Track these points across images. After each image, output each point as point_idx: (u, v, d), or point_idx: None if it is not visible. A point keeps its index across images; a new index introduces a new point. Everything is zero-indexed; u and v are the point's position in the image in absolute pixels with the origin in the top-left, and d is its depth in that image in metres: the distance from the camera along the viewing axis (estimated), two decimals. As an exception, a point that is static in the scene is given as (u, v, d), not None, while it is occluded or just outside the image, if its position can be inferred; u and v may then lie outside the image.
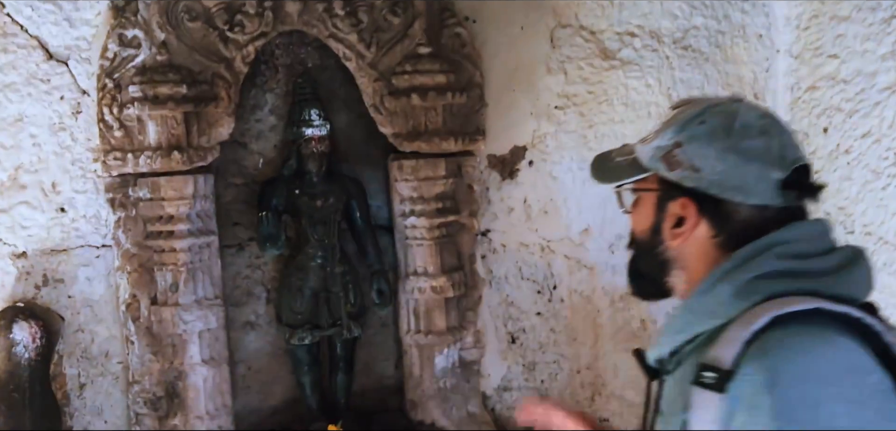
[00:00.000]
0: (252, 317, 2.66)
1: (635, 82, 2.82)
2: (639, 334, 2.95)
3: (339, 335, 2.52)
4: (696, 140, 1.06)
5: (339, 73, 2.61)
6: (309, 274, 2.48)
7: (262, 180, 2.56)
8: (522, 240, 2.84)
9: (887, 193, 2.45)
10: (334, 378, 2.60)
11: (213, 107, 2.35)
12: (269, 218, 2.38)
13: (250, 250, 2.64)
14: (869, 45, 2.47)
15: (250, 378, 2.66)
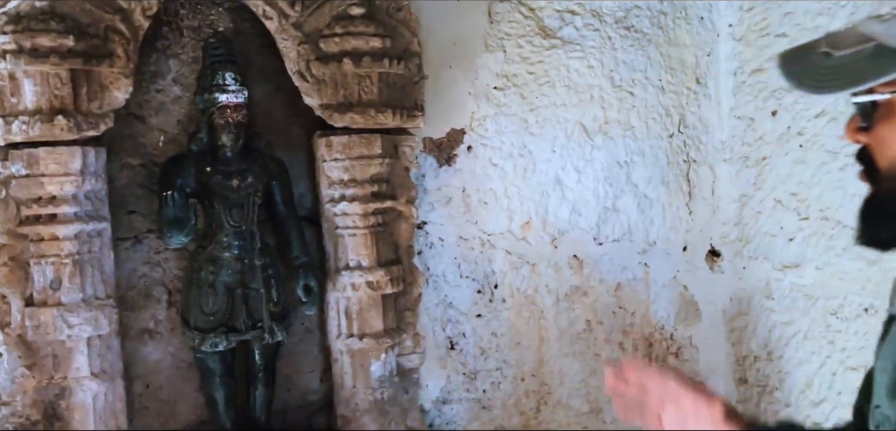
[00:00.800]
0: (150, 324, 2.25)
1: (577, 63, 2.65)
2: (584, 336, 2.75)
3: (260, 339, 2.15)
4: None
5: (256, 40, 2.29)
6: (222, 268, 2.11)
7: (165, 159, 2.18)
8: (462, 234, 2.59)
9: (845, 174, 2.37)
10: (253, 392, 2.22)
11: (108, 66, 1.97)
12: (175, 198, 2.00)
13: (149, 243, 2.24)
14: (821, 20, 2.41)
15: (148, 397, 2.24)
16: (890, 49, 0.85)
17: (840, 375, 2.47)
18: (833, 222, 2.44)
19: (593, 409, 2.78)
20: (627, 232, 2.77)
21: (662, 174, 2.78)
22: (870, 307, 2.34)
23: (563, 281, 2.71)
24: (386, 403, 2.31)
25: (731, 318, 2.89)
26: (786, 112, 2.57)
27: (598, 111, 2.69)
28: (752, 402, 2.82)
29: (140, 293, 2.23)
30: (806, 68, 0.93)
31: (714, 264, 2.88)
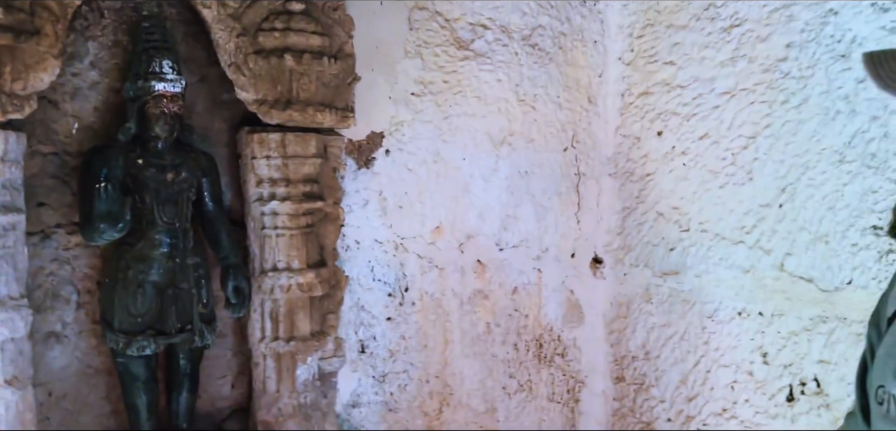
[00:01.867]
0: (57, 327, 2.08)
1: (487, 75, 2.78)
2: (484, 337, 2.88)
3: (189, 343, 2.06)
4: None
5: (182, 27, 2.19)
6: (152, 267, 2.00)
7: (78, 148, 2.02)
8: (377, 237, 2.62)
9: (725, 191, 2.68)
10: (176, 397, 2.12)
11: (35, 43, 1.81)
12: (108, 191, 1.88)
13: (58, 239, 2.07)
14: (708, 52, 2.71)
15: (51, 407, 2.07)
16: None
17: (713, 372, 2.78)
18: (711, 234, 2.75)
19: (490, 409, 2.92)
20: (525, 239, 2.93)
21: (556, 185, 2.98)
22: (743, 311, 2.66)
23: (468, 284, 2.82)
24: (309, 407, 2.30)
25: (610, 321, 3.14)
26: (671, 133, 2.85)
27: (504, 122, 2.83)
28: (629, 398, 3.09)
29: (47, 293, 2.06)
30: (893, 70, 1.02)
31: (597, 270, 3.12)
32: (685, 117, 2.79)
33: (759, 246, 2.59)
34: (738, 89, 2.61)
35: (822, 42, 2.36)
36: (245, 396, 2.40)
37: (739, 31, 2.58)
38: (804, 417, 2.51)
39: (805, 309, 2.47)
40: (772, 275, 2.56)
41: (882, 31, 2.22)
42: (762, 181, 2.55)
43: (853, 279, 2.34)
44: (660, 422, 2.99)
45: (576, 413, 3.12)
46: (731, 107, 2.63)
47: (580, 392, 3.13)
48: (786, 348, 2.55)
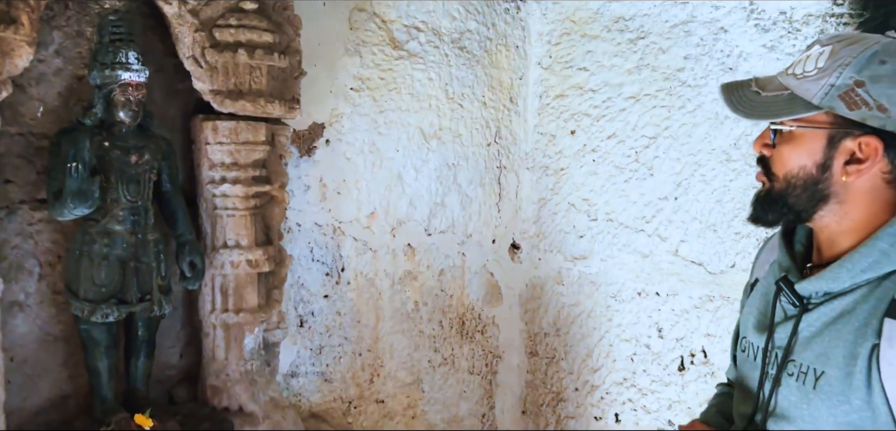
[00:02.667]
0: (21, 296, 2.23)
1: (420, 74, 3.04)
2: (412, 315, 3.15)
3: (148, 311, 2.25)
4: (882, 80, 1.16)
5: (140, 20, 2.36)
6: (116, 241, 2.17)
7: (50, 131, 2.18)
8: (317, 220, 2.85)
9: (629, 185, 3.03)
10: (135, 362, 2.30)
11: (12, 32, 1.96)
12: (79, 170, 2.04)
13: (22, 215, 2.22)
14: (616, 60, 3.04)
15: (12, 371, 2.21)
16: (799, 98, 1.25)
17: (616, 346, 3.13)
18: (616, 223, 3.09)
19: (416, 380, 3.19)
20: (451, 225, 3.21)
21: (481, 177, 3.27)
22: (642, 291, 3.02)
23: (399, 266, 3.08)
24: (254, 373, 2.51)
25: (526, 301, 3.46)
26: (583, 132, 3.19)
27: (434, 118, 3.10)
28: (541, 371, 3.42)
29: (12, 265, 2.21)
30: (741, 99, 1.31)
31: (514, 255, 3.43)
32: (595, 118, 3.13)
33: (657, 234, 2.95)
34: (642, 94, 2.96)
35: (714, 56, 2.73)
36: (193, 364, 2.60)
37: (644, 43, 2.93)
38: (693, 384, 2.88)
39: (695, 290, 2.84)
40: (667, 260, 2.92)
41: (763, 48, 2.59)
42: (661, 176, 2.91)
43: (736, 263, 2.72)
44: (568, 392, 3.32)
45: (493, 385, 3.43)
46: (636, 110, 2.98)
47: (497, 366, 3.44)
48: (678, 324, 2.92)
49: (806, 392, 1.26)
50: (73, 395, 2.35)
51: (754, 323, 1.43)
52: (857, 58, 1.18)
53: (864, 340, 1.18)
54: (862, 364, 1.18)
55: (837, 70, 1.18)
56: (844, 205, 1.24)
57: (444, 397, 3.30)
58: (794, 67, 1.26)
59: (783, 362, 1.31)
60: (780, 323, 1.34)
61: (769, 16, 2.57)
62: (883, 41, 1.20)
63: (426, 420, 3.24)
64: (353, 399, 3.03)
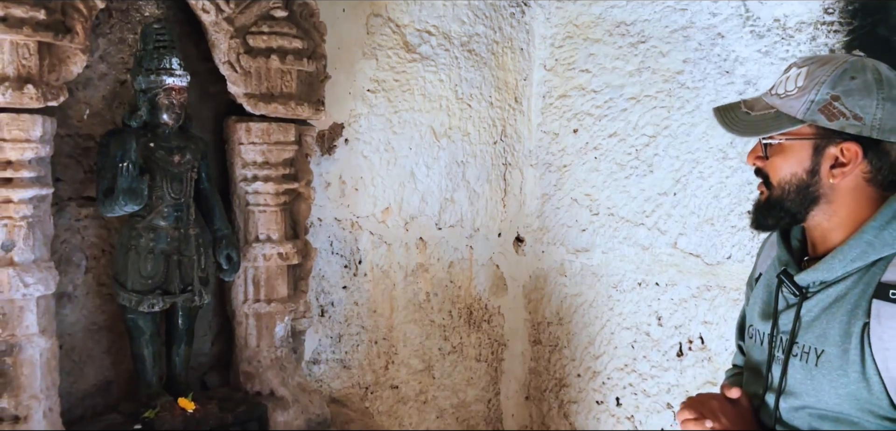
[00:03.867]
0: (69, 288, 2.39)
1: (431, 76, 3.22)
2: (424, 305, 3.33)
3: (190, 302, 2.42)
4: (854, 93, 1.35)
5: (176, 27, 2.52)
6: (161, 236, 2.34)
7: (100, 133, 2.35)
8: (336, 215, 3.03)
9: (630, 181, 3.23)
10: (176, 349, 2.47)
11: (68, 40, 2.12)
12: (130, 170, 2.21)
13: (70, 211, 2.38)
14: (618, 63, 3.25)
15: (62, 358, 2.36)
16: (785, 115, 1.45)
17: (617, 334, 3.34)
18: (617, 218, 3.30)
19: (427, 366, 3.38)
20: (460, 220, 3.40)
21: (488, 173, 3.46)
22: (642, 282, 3.23)
23: (411, 259, 3.27)
24: (284, 360, 2.69)
25: (530, 291, 3.66)
26: (585, 131, 3.39)
27: (445, 118, 3.28)
28: (545, 358, 3.62)
29: (61, 258, 2.37)
30: (734, 120, 1.52)
31: (519, 248, 3.63)
32: (597, 118, 3.33)
33: (657, 228, 3.16)
34: (642, 95, 3.16)
35: (712, 60, 2.93)
36: (223, 352, 2.77)
37: (645, 47, 3.13)
38: (691, 369, 3.10)
39: (693, 280, 3.05)
40: (666, 252, 3.13)
41: (758, 53, 2.80)
42: (660, 173, 3.11)
43: (732, 254, 2.93)
44: (570, 378, 3.53)
45: (499, 371, 3.63)
46: (637, 110, 3.18)
47: (503, 353, 3.64)
48: (677, 312, 3.13)
49: (809, 370, 1.45)
50: (116, 381, 2.52)
51: (759, 312, 1.63)
52: (831, 76, 1.38)
53: (856, 320, 1.37)
54: (855, 340, 1.37)
55: (815, 87, 1.38)
56: (833, 205, 1.43)
57: (453, 383, 3.49)
58: (776, 88, 1.47)
59: (789, 345, 1.51)
60: (784, 311, 1.54)
61: (764, 22, 2.77)
62: (850, 60, 1.41)
63: (437, 405, 3.43)
64: (370, 384, 3.21)
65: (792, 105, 1.41)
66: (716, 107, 1.56)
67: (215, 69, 2.52)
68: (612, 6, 3.23)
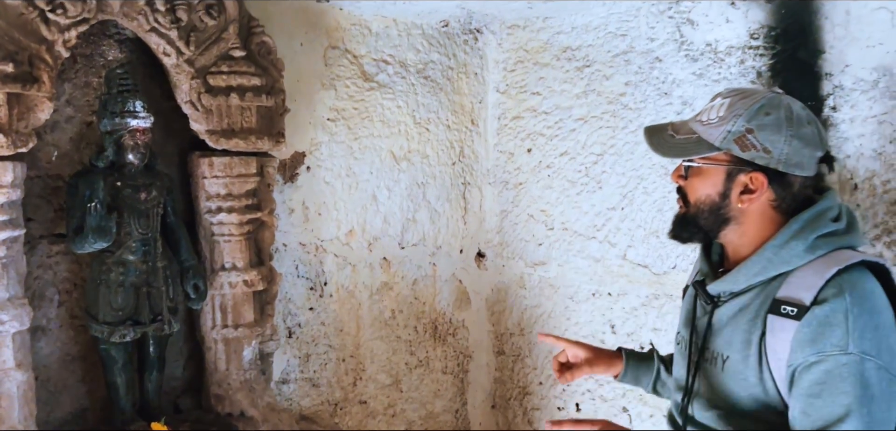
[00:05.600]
0: (43, 322, 2.52)
1: (389, 103, 3.37)
2: (390, 322, 3.47)
3: (160, 331, 2.55)
4: (766, 128, 1.49)
5: (140, 70, 2.66)
6: (130, 270, 2.47)
7: (68, 173, 2.48)
8: (301, 240, 3.17)
9: (581, 197, 3.40)
10: (148, 376, 2.61)
11: (36, 90, 2.25)
12: (98, 209, 2.34)
13: (42, 248, 2.51)
14: (566, 86, 3.41)
15: (38, 389, 2.48)
16: (705, 141, 1.58)
17: (574, 342, 3.49)
18: (571, 232, 3.46)
19: (395, 381, 3.52)
20: (422, 239, 3.55)
21: (447, 193, 3.61)
22: (596, 292, 3.39)
23: (376, 278, 3.41)
24: (252, 382, 2.82)
25: (492, 304, 3.81)
26: (538, 150, 3.54)
27: (404, 142, 3.43)
28: (508, 368, 3.77)
29: (35, 293, 2.49)
30: (660, 141, 1.66)
31: (480, 263, 3.78)
32: (549, 137, 3.49)
33: (607, 241, 3.32)
34: (589, 116, 3.32)
35: (651, 82, 3.10)
36: (195, 376, 2.90)
37: (589, 71, 3.30)
38: (643, 373, 3.25)
39: (642, 289, 3.21)
40: (617, 264, 3.29)
41: (693, 75, 2.97)
42: (608, 189, 3.27)
43: (677, 264, 3.09)
44: (533, 385, 3.68)
45: (465, 382, 3.78)
46: (585, 130, 3.35)
47: (468, 365, 3.78)
48: (628, 320, 3.29)
49: (717, 373, 1.61)
50: (92, 408, 2.65)
51: (683, 319, 1.80)
52: (748, 110, 1.52)
53: (755, 330, 1.53)
54: (754, 348, 1.53)
55: (733, 119, 1.52)
56: (742, 226, 1.59)
57: (421, 396, 3.63)
58: (701, 115, 1.62)
59: (702, 349, 1.66)
60: (700, 318, 1.70)
61: (697, 47, 2.95)
62: (769, 95, 1.55)
63: (405, 418, 3.57)
64: (339, 401, 3.35)
65: (711, 133, 1.54)
66: (646, 127, 1.72)
67: (179, 107, 2.66)
68: (558, 32, 3.40)
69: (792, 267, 1.51)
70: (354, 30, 3.26)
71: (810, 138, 1.52)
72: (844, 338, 1.40)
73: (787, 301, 1.47)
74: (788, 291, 1.48)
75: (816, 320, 1.43)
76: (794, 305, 1.46)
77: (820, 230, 1.52)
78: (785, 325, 1.47)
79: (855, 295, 1.43)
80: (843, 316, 1.41)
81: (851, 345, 1.40)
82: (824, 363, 1.42)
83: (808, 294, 1.45)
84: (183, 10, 2.57)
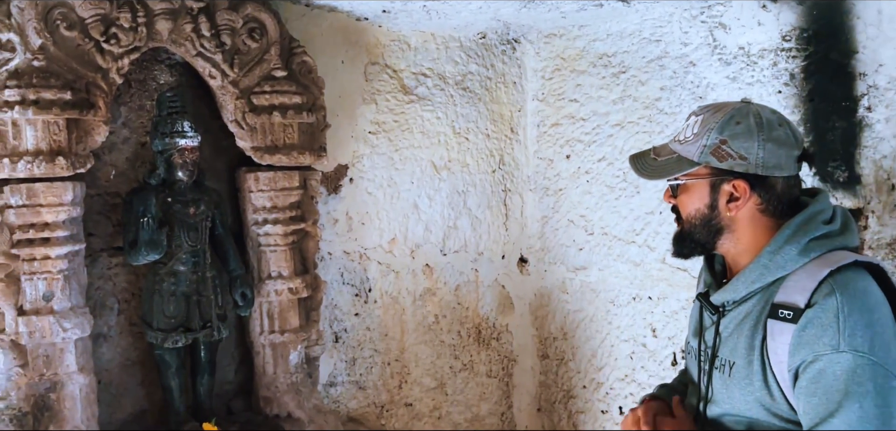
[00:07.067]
0: (104, 329, 2.73)
1: (429, 115, 3.50)
2: (433, 327, 3.59)
3: (209, 337, 2.73)
4: (738, 137, 1.55)
5: (189, 92, 2.84)
6: (181, 280, 2.66)
7: (125, 191, 2.69)
8: (345, 249, 3.32)
9: (620, 202, 3.45)
10: (200, 380, 2.79)
11: (92, 115, 2.46)
12: (150, 223, 2.53)
13: (103, 261, 2.72)
14: (603, 92, 3.48)
15: (101, 392, 2.70)
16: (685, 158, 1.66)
17: (616, 346, 3.55)
18: (611, 236, 3.52)
19: (439, 384, 3.64)
20: (464, 245, 3.66)
21: (488, 200, 3.71)
22: (636, 296, 3.44)
23: (419, 284, 3.54)
24: (299, 385, 2.98)
25: (535, 309, 3.89)
26: (577, 157, 3.62)
27: (444, 152, 3.55)
28: (552, 371, 3.84)
29: (96, 303, 2.70)
30: (644, 165, 1.76)
31: (523, 268, 3.87)
32: (587, 144, 3.56)
33: (647, 245, 3.37)
34: (626, 121, 3.39)
35: (686, 86, 3.15)
36: (246, 379, 3.07)
37: (625, 77, 3.36)
38: (683, 375, 3.29)
39: (682, 293, 3.25)
40: (657, 267, 3.34)
41: (726, 79, 3.01)
42: (646, 194, 3.32)
43: (715, 266, 3.12)
44: (577, 389, 3.75)
45: (510, 386, 3.87)
46: (622, 135, 3.41)
47: (513, 369, 3.87)
48: (669, 323, 3.33)
49: (725, 380, 1.67)
50: (150, 410, 2.84)
51: (692, 329, 1.87)
52: (719, 123, 1.59)
53: (757, 335, 1.58)
54: (757, 354, 1.58)
55: (706, 133, 1.60)
56: (735, 234, 1.65)
57: (466, 398, 3.74)
58: (678, 135, 1.70)
59: (711, 358, 1.73)
60: (708, 328, 1.76)
61: (730, 51, 2.98)
62: (737, 106, 1.62)
63: (451, 420, 3.68)
64: (385, 403, 3.48)
65: (689, 149, 1.62)
66: (630, 155, 1.80)
67: (226, 126, 2.83)
68: (593, 39, 3.47)
69: (787, 271, 1.56)
70: (394, 45, 3.40)
71: (784, 139, 1.58)
72: (835, 337, 1.45)
73: (783, 305, 1.53)
74: (785, 295, 1.54)
75: (810, 322, 1.48)
76: (790, 308, 1.51)
77: (812, 233, 1.57)
78: (783, 329, 1.52)
79: (846, 294, 1.47)
80: (834, 316, 1.46)
81: (842, 344, 1.45)
82: (818, 362, 1.47)
83: (802, 297, 1.50)
84: (227, 35, 2.74)
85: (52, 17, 2.42)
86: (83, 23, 2.47)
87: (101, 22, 2.49)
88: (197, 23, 2.67)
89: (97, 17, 2.49)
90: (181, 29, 2.65)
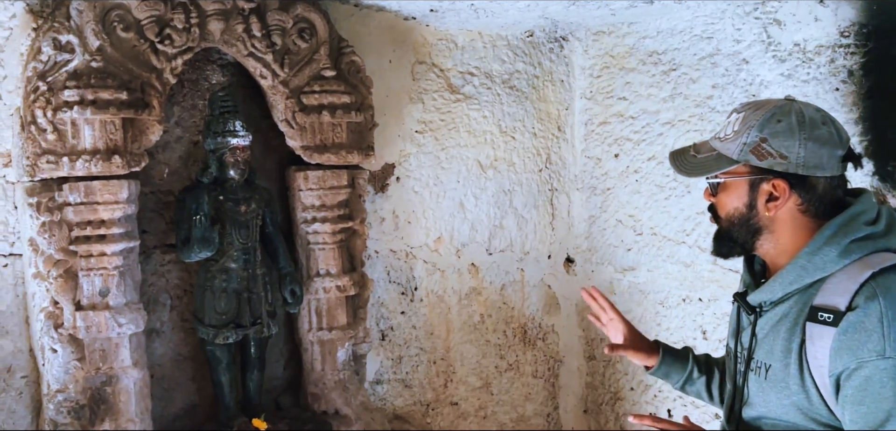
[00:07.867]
0: (157, 324, 2.80)
1: (475, 113, 3.51)
2: (479, 326, 3.60)
3: (260, 333, 2.78)
4: (779, 135, 1.52)
5: (240, 91, 2.89)
6: (232, 277, 2.72)
7: (177, 189, 2.75)
8: (392, 247, 3.35)
9: (669, 202, 3.43)
10: (249, 376, 2.84)
11: (147, 114, 2.52)
12: (202, 221, 2.59)
13: (156, 258, 2.78)
14: (652, 90, 3.45)
15: (153, 386, 2.76)
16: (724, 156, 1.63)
17: (664, 347, 3.51)
18: (660, 236, 3.49)
19: (485, 384, 3.65)
20: (510, 245, 3.66)
21: (534, 199, 3.71)
22: (686, 298, 3.41)
23: (465, 283, 3.55)
24: (346, 382, 3.01)
25: (582, 310, 3.88)
26: (625, 155, 3.60)
27: (490, 151, 3.56)
28: (599, 372, 3.83)
29: (149, 299, 2.77)
30: (683, 162, 1.73)
31: (570, 268, 3.86)
32: (636, 142, 3.54)
33: (697, 246, 3.33)
34: (676, 120, 3.36)
35: (739, 84, 3.11)
36: (294, 376, 3.12)
37: (676, 74, 3.33)
38: (734, 378, 3.25)
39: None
40: (707, 269, 3.30)
41: (781, 76, 2.96)
42: (697, 193, 3.29)
43: (767, 268, 3.08)
44: (625, 391, 3.73)
45: (556, 387, 3.86)
46: (672, 134, 3.38)
47: (559, 369, 3.87)
48: (720, 326, 3.29)
49: (761, 383, 1.65)
50: (201, 404, 2.90)
51: (730, 330, 1.85)
52: (759, 120, 1.56)
53: (795, 338, 1.56)
54: (794, 357, 1.56)
55: (747, 131, 1.57)
56: (774, 234, 1.62)
57: (512, 398, 3.75)
58: (719, 132, 1.67)
59: (747, 360, 1.71)
60: (744, 329, 1.74)
61: (785, 47, 2.94)
62: (779, 103, 1.58)
63: (496, 420, 3.69)
64: (431, 402, 3.50)
65: (729, 147, 1.60)
66: (671, 151, 1.78)
67: (276, 125, 2.88)
68: (643, 37, 3.44)
69: (827, 273, 1.53)
70: (441, 45, 3.42)
71: (826, 138, 1.54)
72: (881, 343, 1.42)
73: (823, 307, 1.50)
74: (824, 298, 1.51)
75: (852, 326, 1.45)
76: (831, 311, 1.48)
77: (853, 234, 1.53)
78: (823, 332, 1.49)
79: (889, 298, 1.44)
80: (878, 321, 1.43)
81: (888, 349, 1.42)
82: (863, 369, 1.45)
83: (843, 299, 1.48)
84: (277, 35, 2.79)
85: (110, 19, 2.48)
86: (139, 24, 2.53)
87: (156, 23, 2.55)
88: (248, 23, 2.72)
89: (152, 19, 2.54)
90: (233, 29, 2.70)
